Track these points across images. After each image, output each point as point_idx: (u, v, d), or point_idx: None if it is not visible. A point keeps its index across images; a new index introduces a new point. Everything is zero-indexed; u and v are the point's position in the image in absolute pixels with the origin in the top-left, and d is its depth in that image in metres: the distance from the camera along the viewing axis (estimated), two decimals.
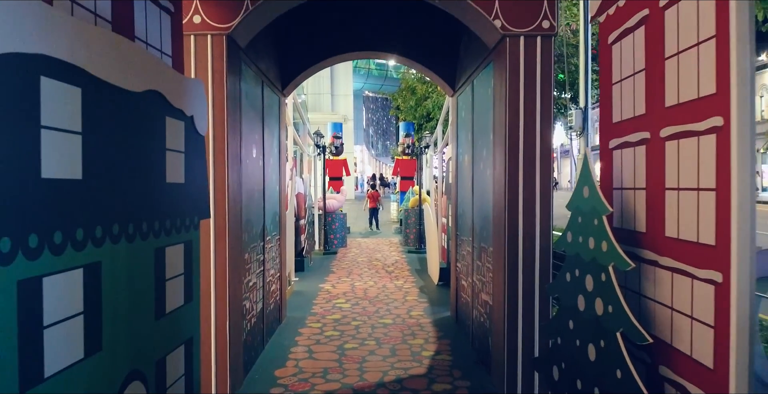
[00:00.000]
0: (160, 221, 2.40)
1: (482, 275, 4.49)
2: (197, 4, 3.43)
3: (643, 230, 2.53)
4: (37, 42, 1.60)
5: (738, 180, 1.75)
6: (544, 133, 3.56)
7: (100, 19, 2.27)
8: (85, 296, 1.83)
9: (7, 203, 1.47)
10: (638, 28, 2.55)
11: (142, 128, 2.23)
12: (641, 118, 2.54)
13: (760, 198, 30.32)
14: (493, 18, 3.49)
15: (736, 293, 1.75)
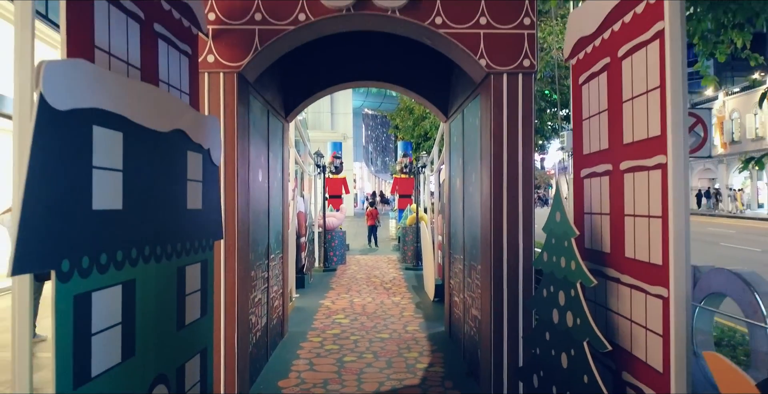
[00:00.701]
0: (182, 243, 2.73)
1: (472, 292, 4.80)
2: (211, 45, 3.80)
3: (608, 250, 2.86)
4: (90, 98, 1.95)
5: (674, 209, 2.09)
6: (525, 161, 3.90)
7: (131, 68, 2.62)
8: (122, 308, 2.16)
9: (67, 230, 1.81)
10: (602, 73, 2.91)
11: (169, 162, 2.58)
12: (605, 152, 2.89)
13: (756, 214, 30.77)
14: (478, 57, 3.85)
15: (674, 305, 2.07)
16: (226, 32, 3.81)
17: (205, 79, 3.81)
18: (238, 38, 3.80)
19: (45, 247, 1.70)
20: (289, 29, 3.80)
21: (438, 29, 3.83)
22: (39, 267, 1.70)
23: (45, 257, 1.71)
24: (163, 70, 2.95)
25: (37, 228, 1.67)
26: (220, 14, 3.80)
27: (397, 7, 3.77)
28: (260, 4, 3.78)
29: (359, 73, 6.04)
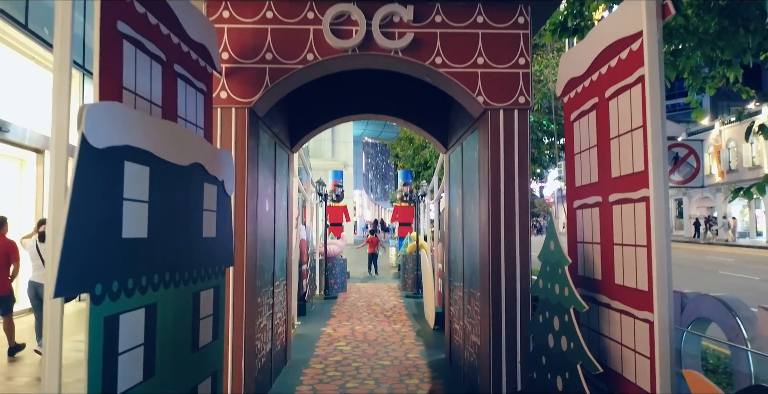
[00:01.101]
0: (198, 269, 2.90)
1: (472, 318, 4.94)
2: (224, 83, 4.03)
3: (599, 277, 3.03)
4: (123, 136, 2.15)
5: (656, 238, 2.27)
6: (521, 192, 4.10)
7: (154, 106, 2.83)
8: (145, 330, 2.32)
9: (100, 257, 1.98)
10: (591, 112, 3.12)
11: (188, 194, 2.76)
12: (595, 185, 3.08)
13: (755, 243, 30.88)
14: (476, 95, 4.08)
15: (659, 328, 2.23)
16: (239, 70, 4.04)
17: (217, 113, 4.03)
18: (250, 76, 4.04)
19: (82, 272, 1.88)
20: (298, 68, 4.03)
21: (438, 68, 4.06)
22: (77, 291, 1.87)
23: (82, 281, 1.88)
24: (181, 106, 3.17)
25: (77, 255, 1.84)
26: (233, 53, 4.04)
27: (400, 48, 4.02)
28: (271, 45, 4.03)
29: (361, 106, 6.29)
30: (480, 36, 4.08)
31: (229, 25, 4.03)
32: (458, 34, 4.08)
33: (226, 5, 4.03)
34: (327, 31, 3.98)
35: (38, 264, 6.73)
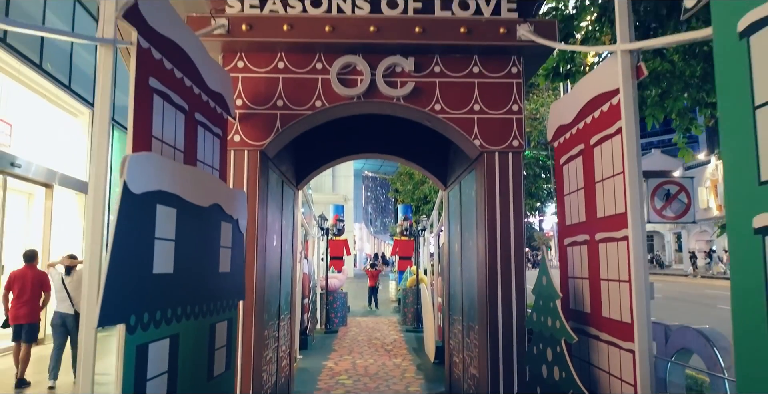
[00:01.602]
0: (214, 302, 3.12)
1: (471, 351, 5.11)
2: (238, 127, 4.32)
3: (588, 311, 3.24)
4: (156, 182, 2.41)
5: (635, 274, 2.50)
6: (516, 229, 4.33)
7: (177, 151, 3.09)
8: (169, 359, 2.52)
9: (134, 291, 2.21)
10: (578, 157, 3.39)
11: (208, 232, 3.01)
12: (583, 224, 3.33)
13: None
14: (473, 138, 4.37)
15: (639, 356, 2.44)
16: (251, 115, 4.34)
17: (231, 155, 4.30)
18: (262, 121, 4.33)
19: (120, 305, 2.11)
20: (307, 114, 4.33)
21: (437, 114, 4.36)
22: (115, 321, 2.09)
23: (120, 313, 2.11)
24: (200, 150, 3.45)
25: (117, 289, 2.08)
26: (247, 100, 4.34)
27: (402, 96, 4.32)
28: (282, 92, 4.34)
29: (364, 145, 6.59)
30: (476, 84, 4.39)
31: (244, 74, 4.35)
32: (456, 83, 4.39)
33: (241, 56, 4.36)
34: (334, 81, 4.30)
35: (64, 295, 7.09)
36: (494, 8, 4.28)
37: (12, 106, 10.37)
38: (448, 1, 4.29)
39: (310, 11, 4.23)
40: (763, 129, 1.54)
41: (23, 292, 7.04)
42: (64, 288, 7.06)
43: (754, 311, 1.55)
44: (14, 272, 7.23)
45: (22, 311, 6.99)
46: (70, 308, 7.04)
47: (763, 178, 1.53)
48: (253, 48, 4.31)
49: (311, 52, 4.35)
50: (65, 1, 12.18)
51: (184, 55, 3.18)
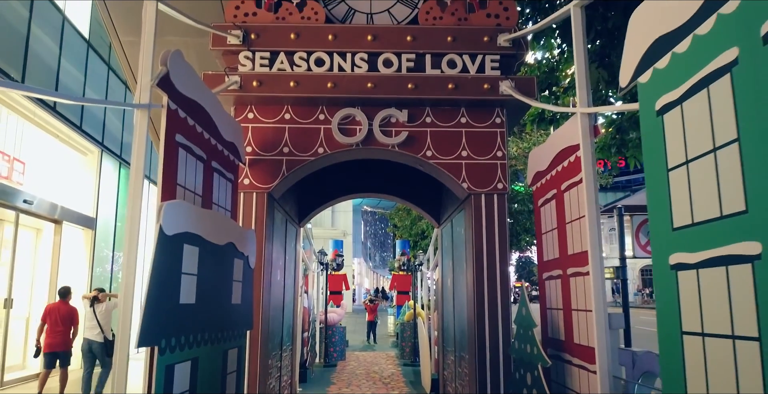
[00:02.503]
0: (227, 330, 3.49)
1: (462, 380, 5.42)
2: (247, 172, 4.76)
3: (563, 338, 3.61)
4: (184, 225, 2.82)
5: (596, 305, 2.89)
6: (502, 265, 4.72)
7: (196, 196, 3.52)
8: (190, 379, 2.89)
9: (166, 318, 2.60)
10: (552, 200, 3.82)
11: (223, 267, 3.41)
12: (557, 260, 3.73)
13: None
14: (461, 181, 4.81)
15: (600, 376, 2.80)
16: (260, 161, 4.79)
17: (241, 197, 4.72)
18: (269, 166, 4.78)
19: (155, 330, 2.49)
20: (310, 159, 4.78)
21: (429, 160, 4.81)
22: (150, 344, 2.48)
23: (154, 336, 2.49)
24: (216, 194, 3.87)
25: (153, 316, 2.47)
26: (256, 147, 4.79)
27: (396, 144, 4.78)
28: (288, 140, 4.80)
29: (362, 186, 7.04)
30: (464, 133, 4.86)
31: (254, 124, 4.82)
32: (445, 132, 4.86)
33: (251, 108, 4.84)
34: (335, 130, 4.76)
35: (93, 324, 8.04)
36: (479, 66, 4.79)
37: (26, 146, 10.87)
38: (438, 60, 4.80)
39: (315, 70, 4.73)
40: (674, 187, 1.96)
41: (56, 324, 7.95)
42: (94, 317, 7.92)
43: (671, 329, 1.94)
44: (49, 306, 8.21)
45: (57, 341, 7.91)
46: (99, 336, 7.94)
47: (675, 226, 1.94)
48: (263, 101, 4.80)
49: (315, 105, 4.83)
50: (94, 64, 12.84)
51: (203, 111, 3.64)
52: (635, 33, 2.17)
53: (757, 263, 1.52)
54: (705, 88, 1.74)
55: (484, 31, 4.83)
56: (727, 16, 1.63)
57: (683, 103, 1.87)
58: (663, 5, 1.99)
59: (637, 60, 2.15)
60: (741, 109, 1.58)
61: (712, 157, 1.72)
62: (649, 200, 2.09)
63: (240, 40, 4.74)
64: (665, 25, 1.96)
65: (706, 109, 1.75)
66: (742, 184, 1.58)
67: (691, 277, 1.83)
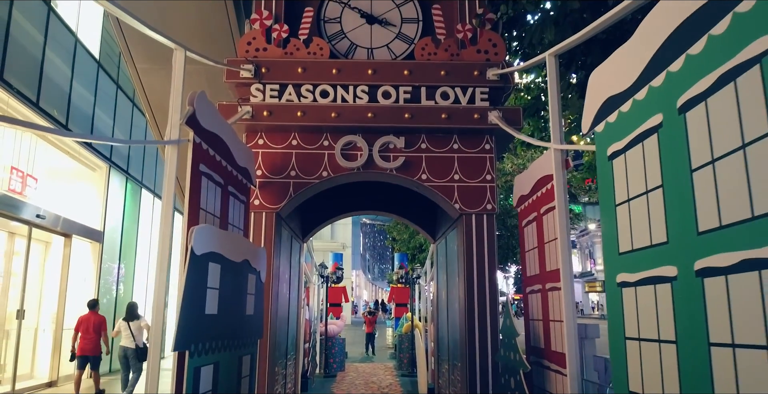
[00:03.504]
0: (243, 338, 3.90)
1: (455, 387, 5.82)
2: (258, 193, 5.19)
3: (543, 346, 4.03)
4: (209, 246, 3.25)
5: (566, 316, 3.31)
6: (491, 280, 5.14)
7: (215, 218, 3.94)
8: (212, 381, 3.30)
9: (195, 326, 3.01)
10: (534, 222, 4.26)
11: (240, 282, 3.83)
12: (538, 276, 4.16)
13: None
14: (454, 202, 5.24)
15: (569, 381, 3.22)
16: (269, 183, 5.22)
17: (251, 216, 5.15)
18: (278, 188, 5.21)
19: (187, 336, 2.91)
20: (315, 182, 5.22)
21: (424, 182, 5.26)
22: (184, 348, 2.89)
23: (187, 341, 2.91)
24: (231, 215, 4.30)
25: (185, 325, 2.89)
26: (266, 171, 5.23)
27: (394, 168, 5.23)
28: (295, 165, 5.24)
29: (362, 204, 7.48)
30: (456, 158, 5.31)
31: (263, 150, 5.26)
32: (439, 157, 5.30)
33: (262, 135, 5.29)
34: (338, 155, 5.21)
35: (127, 334, 9.29)
36: (470, 98, 5.25)
37: (38, 162, 11.31)
38: (432, 92, 5.26)
39: (320, 101, 5.19)
40: (620, 219, 2.39)
41: (88, 331, 9.32)
42: (129, 329, 9.30)
43: (617, 335, 2.37)
44: (82, 317, 9.52)
45: (89, 346, 9.27)
46: (132, 343, 9.20)
47: (620, 251, 2.37)
48: (272, 129, 5.25)
49: (320, 133, 5.28)
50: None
51: (221, 142, 4.08)
52: (592, 91, 2.62)
53: (674, 282, 1.95)
54: (641, 143, 2.18)
55: (475, 65, 5.30)
56: (656, 87, 2.07)
57: (626, 152, 2.31)
58: (613, 71, 2.44)
59: (594, 113, 2.60)
60: (664, 162, 2.02)
61: (645, 198, 2.16)
62: (602, 229, 2.52)
63: (252, 73, 5.19)
64: (614, 88, 2.40)
65: (641, 159, 2.18)
66: (664, 221, 2.01)
67: (631, 293, 2.26)
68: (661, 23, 2.03)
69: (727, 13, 1.66)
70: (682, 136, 1.89)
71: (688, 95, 1.85)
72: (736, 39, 1.61)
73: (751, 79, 1.55)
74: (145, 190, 16.68)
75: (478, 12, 5.50)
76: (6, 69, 9.54)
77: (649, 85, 2.11)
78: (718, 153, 1.70)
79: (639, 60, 2.17)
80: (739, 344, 1.61)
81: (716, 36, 1.71)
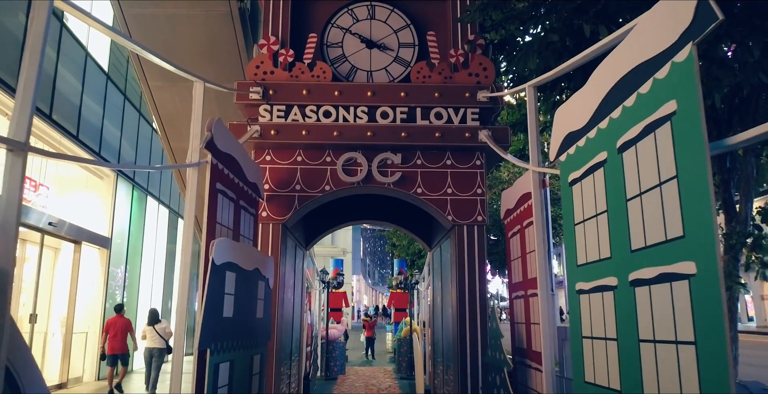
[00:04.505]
0: (253, 339, 4.33)
1: (449, 386, 6.23)
2: (265, 206, 5.63)
3: (525, 347, 4.45)
4: (227, 256, 3.68)
5: (543, 319, 3.73)
6: (481, 286, 5.57)
7: (228, 230, 4.37)
8: (228, 376, 3.72)
9: (215, 327, 3.44)
10: (518, 234, 4.69)
11: (251, 288, 4.26)
12: (522, 283, 4.59)
13: (746, 328, 31.65)
14: (447, 214, 5.68)
15: (545, 376, 3.64)
16: (276, 197, 5.66)
17: (260, 227, 5.59)
18: (284, 201, 5.65)
19: (209, 336, 3.34)
20: (318, 195, 5.66)
21: (419, 196, 5.69)
22: (207, 346, 3.32)
23: (209, 340, 3.34)
24: (242, 227, 4.74)
25: (208, 325, 3.32)
26: (273, 185, 5.67)
27: (392, 182, 5.66)
28: (299, 179, 5.68)
29: (362, 214, 7.92)
30: (449, 174, 5.75)
31: (270, 165, 5.71)
32: (433, 172, 5.74)
33: (269, 152, 5.73)
34: (340, 170, 5.64)
35: (153, 335, 10.42)
36: (461, 118, 5.69)
37: (50, 171, 11.76)
38: (427, 113, 5.70)
39: (323, 120, 5.64)
40: (577, 236, 2.81)
41: (116, 333, 10.52)
42: (154, 331, 10.44)
43: (576, 334, 2.79)
44: (109, 320, 10.78)
45: (117, 346, 10.50)
46: (159, 344, 10.35)
47: (578, 263, 2.80)
48: (279, 147, 5.69)
49: (322, 150, 5.72)
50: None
51: (234, 161, 4.52)
52: (557, 126, 3.05)
53: (615, 290, 2.38)
54: (592, 174, 2.62)
55: (466, 88, 5.75)
56: (603, 129, 2.51)
57: (582, 180, 2.74)
58: (572, 111, 2.88)
59: (558, 145, 3.03)
60: (608, 191, 2.46)
61: (595, 220, 2.59)
62: (565, 243, 2.95)
63: (260, 95, 5.64)
64: (573, 125, 2.84)
65: (592, 187, 2.62)
66: (608, 240, 2.44)
67: (586, 299, 2.68)
68: (606, 77, 2.47)
69: (651, 76, 2.10)
70: (620, 171, 2.32)
71: (624, 139, 2.29)
72: (655, 99, 2.05)
73: (665, 133, 1.99)
74: (150, 197, 17.13)
75: (469, 38, 5.95)
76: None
77: (598, 127, 2.55)
78: (644, 187, 2.14)
79: (590, 105, 2.61)
80: (658, 340, 2.04)
81: (643, 94, 2.15)
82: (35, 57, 2.05)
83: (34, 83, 2.05)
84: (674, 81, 1.93)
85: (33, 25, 2.11)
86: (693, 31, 1.83)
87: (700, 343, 1.79)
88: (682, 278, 1.88)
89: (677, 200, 1.90)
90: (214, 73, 8.03)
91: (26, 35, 10.39)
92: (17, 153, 1.98)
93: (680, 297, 1.89)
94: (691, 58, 1.82)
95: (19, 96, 2.05)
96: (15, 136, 2.00)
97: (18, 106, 2.04)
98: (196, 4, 7.05)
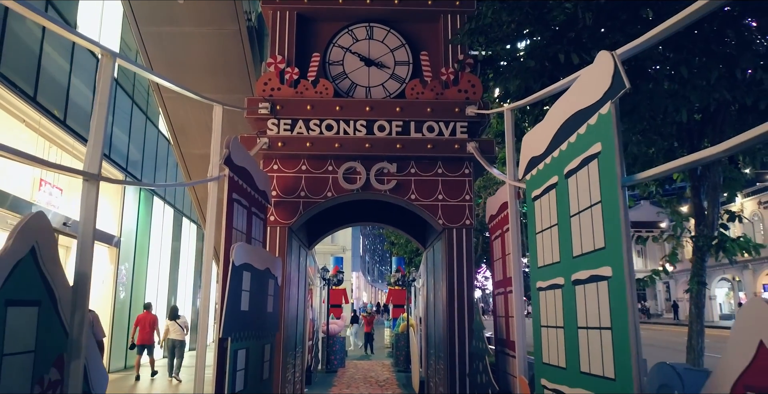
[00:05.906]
0: (265, 330, 4.92)
1: (440, 375, 6.83)
2: (273, 211, 6.21)
3: (505, 337, 5.04)
4: (244, 258, 4.26)
5: (515, 312, 4.32)
6: (468, 285, 6.15)
7: (242, 234, 4.95)
8: (245, 361, 4.31)
9: (234, 319, 4.03)
10: (499, 237, 5.27)
11: (263, 285, 4.84)
12: (502, 281, 5.17)
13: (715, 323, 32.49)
14: (438, 218, 6.26)
15: (517, 361, 4.22)
16: (282, 202, 6.24)
17: (268, 231, 6.17)
18: (290, 206, 6.23)
19: (230, 326, 3.93)
20: (321, 201, 6.24)
21: (413, 202, 6.28)
22: (230, 335, 3.91)
23: (230, 330, 3.93)
24: (253, 231, 5.32)
25: (230, 317, 3.90)
26: (279, 192, 6.26)
27: (388, 189, 6.25)
28: (304, 186, 6.26)
29: (361, 216, 8.50)
30: (440, 181, 6.33)
31: (278, 174, 6.29)
32: (426, 180, 6.32)
33: (276, 162, 6.31)
34: (340, 178, 6.23)
35: (176, 328, 12.81)
36: (451, 131, 6.27)
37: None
38: (420, 126, 6.28)
39: (325, 133, 6.22)
40: (538, 243, 3.40)
41: (144, 327, 12.67)
42: (177, 324, 12.87)
43: (537, 324, 3.38)
44: (140, 316, 12.93)
45: (146, 337, 12.67)
46: (180, 336, 12.75)
47: (538, 265, 3.39)
48: (285, 157, 6.27)
49: (325, 160, 6.31)
50: None
51: (247, 173, 5.09)
52: (524, 150, 3.64)
53: (563, 288, 2.96)
54: (547, 193, 3.20)
55: (456, 103, 6.33)
56: (555, 158, 3.09)
57: (541, 197, 3.33)
58: (535, 139, 3.46)
59: (525, 166, 3.62)
60: (558, 209, 3.04)
61: (550, 231, 3.17)
62: (529, 249, 3.54)
63: (268, 110, 6.22)
64: (535, 151, 3.42)
65: (548, 204, 3.20)
66: (559, 247, 3.03)
67: (543, 295, 3.27)
68: (558, 115, 3.06)
69: (585, 121, 2.68)
70: (566, 193, 2.91)
71: (569, 167, 2.87)
72: (588, 140, 2.63)
73: (594, 167, 2.57)
74: (156, 197, 17.72)
75: (459, 58, 6.53)
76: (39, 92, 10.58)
77: (552, 155, 3.14)
78: (581, 208, 2.72)
79: (547, 136, 3.19)
80: (589, 327, 2.63)
81: (581, 134, 2.73)
82: (103, 107, 2.63)
83: (103, 127, 2.63)
84: (600, 128, 2.52)
85: (100, 79, 2.69)
86: (611, 93, 2.41)
87: (614, 329, 2.37)
88: (603, 279, 2.46)
89: (600, 219, 2.49)
90: (224, 85, 8.62)
91: (95, 88, 11.05)
92: (92, 182, 2.56)
93: (602, 294, 2.48)
94: (609, 113, 2.40)
95: (91, 136, 2.63)
96: (89, 168, 2.58)
97: (91, 145, 2.62)
98: (207, 23, 7.62)
